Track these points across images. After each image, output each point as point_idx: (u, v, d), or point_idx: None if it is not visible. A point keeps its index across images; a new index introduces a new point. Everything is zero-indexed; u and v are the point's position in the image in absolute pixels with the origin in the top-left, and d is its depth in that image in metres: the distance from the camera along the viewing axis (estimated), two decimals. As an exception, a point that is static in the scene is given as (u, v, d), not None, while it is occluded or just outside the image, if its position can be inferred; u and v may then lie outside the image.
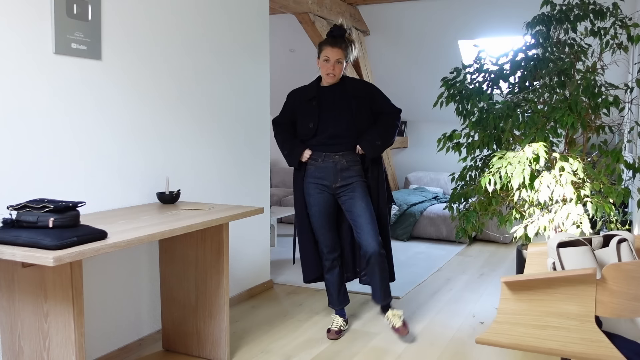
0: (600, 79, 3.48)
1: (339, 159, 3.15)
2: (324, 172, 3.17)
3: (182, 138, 3.29)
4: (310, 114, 3.16)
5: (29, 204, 1.99)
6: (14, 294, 2.18)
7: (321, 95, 3.18)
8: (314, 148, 3.18)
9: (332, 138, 3.13)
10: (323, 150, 3.16)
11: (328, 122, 3.14)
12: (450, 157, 7.58)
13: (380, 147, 3.15)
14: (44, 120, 2.48)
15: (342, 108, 3.14)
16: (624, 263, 1.79)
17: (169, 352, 3.02)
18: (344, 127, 3.13)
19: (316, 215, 3.20)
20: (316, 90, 3.20)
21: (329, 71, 3.10)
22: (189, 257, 2.89)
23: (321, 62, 3.12)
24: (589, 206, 3.24)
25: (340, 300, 3.33)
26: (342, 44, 3.10)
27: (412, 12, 6.08)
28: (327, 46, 3.09)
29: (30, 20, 2.40)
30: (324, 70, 3.13)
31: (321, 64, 3.13)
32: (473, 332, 3.32)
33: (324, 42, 3.12)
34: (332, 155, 3.15)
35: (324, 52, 3.10)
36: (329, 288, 3.32)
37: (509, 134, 3.45)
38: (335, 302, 3.33)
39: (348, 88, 3.18)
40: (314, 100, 3.17)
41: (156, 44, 3.07)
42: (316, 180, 3.19)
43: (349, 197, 3.16)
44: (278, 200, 7.15)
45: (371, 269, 3.15)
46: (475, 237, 6.08)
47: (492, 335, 1.99)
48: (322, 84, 3.22)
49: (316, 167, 3.18)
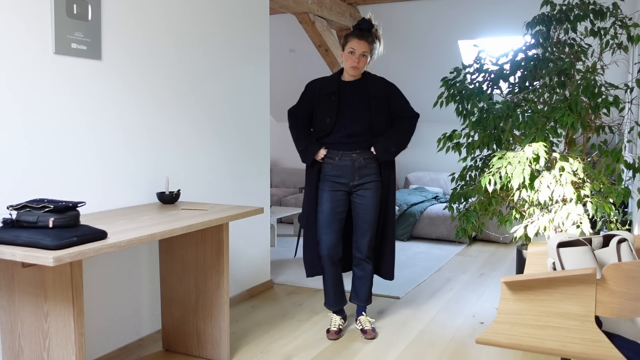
0: (600, 79, 3.48)
1: (356, 157, 3.14)
2: (341, 171, 3.15)
3: (182, 138, 3.29)
4: (328, 109, 3.12)
5: (29, 204, 1.99)
6: (14, 294, 2.18)
7: (341, 90, 3.15)
8: (331, 147, 3.15)
9: (349, 137, 3.11)
10: (340, 149, 3.14)
11: (345, 119, 3.11)
12: (450, 157, 7.58)
13: (394, 153, 3.15)
14: (44, 120, 2.48)
15: (361, 106, 3.12)
16: (624, 263, 1.79)
17: (169, 352, 3.02)
18: (361, 126, 3.11)
19: (325, 212, 3.15)
20: (337, 84, 3.16)
21: (354, 64, 3.05)
22: (189, 257, 2.89)
23: (346, 54, 3.07)
24: (589, 206, 3.24)
25: (336, 302, 3.30)
26: (369, 37, 3.07)
27: (412, 12, 6.08)
28: (354, 38, 3.05)
29: (30, 20, 2.40)
30: (348, 63, 3.08)
31: (345, 56, 3.08)
32: (473, 332, 3.32)
33: (351, 34, 3.07)
34: (349, 154, 3.13)
35: (349, 44, 3.05)
36: (327, 288, 3.29)
37: (509, 134, 3.45)
38: (332, 303, 3.31)
39: (369, 86, 3.14)
40: (334, 95, 3.13)
41: (156, 44, 3.07)
42: (333, 179, 3.16)
43: (361, 197, 3.17)
44: (278, 200, 7.15)
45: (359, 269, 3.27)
46: (475, 237, 6.08)
47: (492, 335, 1.99)
48: (343, 77, 3.18)
49: (333, 165, 3.16)
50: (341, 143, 3.13)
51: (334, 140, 3.14)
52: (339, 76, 3.20)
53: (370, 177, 3.17)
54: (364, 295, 3.32)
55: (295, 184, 7.96)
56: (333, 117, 3.11)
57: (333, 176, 3.16)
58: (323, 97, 3.15)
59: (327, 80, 3.20)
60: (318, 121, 3.17)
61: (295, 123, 3.26)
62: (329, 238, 3.16)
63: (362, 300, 3.32)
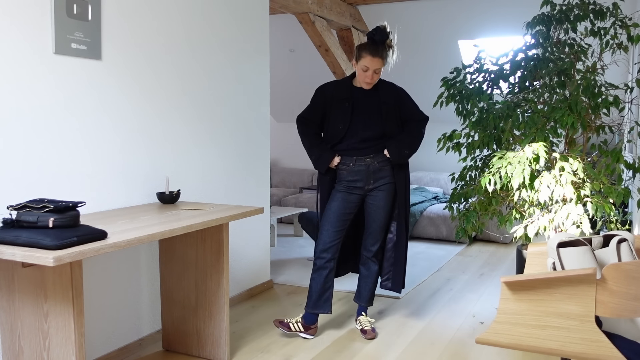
0: (600, 79, 3.48)
1: (370, 161, 3.14)
2: (357, 175, 3.15)
3: (181, 138, 3.29)
4: (341, 115, 3.11)
5: (29, 204, 1.99)
6: (14, 294, 2.18)
7: (353, 96, 3.13)
8: (344, 153, 3.15)
9: (362, 142, 3.12)
10: (354, 155, 3.14)
11: (358, 125, 3.11)
12: (450, 157, 7.58)
13: (407, 156, 3.14)
14: (44, 120, 2.48)
15: (373, 112, 3.11)
16: (624, 263, 1.79)
17: (169, 352, 3.02)
18: (373, 131, 3.11)
19: (332, 209, 3.15)
20: (350, 90, 3.14)
21: (367, 80, 3.05)
22: (189, 257, 2.89)
23: (358, 69, 3.04)
24: (589, 206, 3.24)
25: (318, 305, 3.18)
26: (383, 53, 3.01)
27: (412, 12, 6.08)
28: (368, 55, 2.98)
29: (30, 20, 2.40)
30: (361, 78, 3.06)
31: (358, 71, 3.05)
32: (473, 332, 3.32)
33: (365, 48, 3.00)
34: (363, 159, 3.13)
35: (363, 61, 3.00)
36: (312, 288, 3.18)
37: (509, 134, 3.45)
38: (312, 305, 3.18)
39: (380, 92, 3.14)
40: (347, 101, 3.11)
41: (156, 44, 3.07)
42: (349, 183, 3.16)
43: (374, 198, 3.18)
44: (278, 200, 7.15)
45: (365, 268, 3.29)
46: (475, 237, 6.08)
47: (492, 335, 1.99)
48: (355, 83, 3.17)
49: (348, 171, 3.15)
50: (354, 149, 3.13)
51: (347, 147, 3.14)
52: (351, 81, 3.18)
53: (385, 180, 3.18)
54: (366, 295, 3.32)
55: (296, 184, 7.96)
56: (346, 123, 3.10)
57: (349, 181, 3.16)
58: (336, 103, 3.13)
59: (340, 85, 3.17)
60: (330, 127, 3.16)
61: (306, 130, 3.22)
62: (329, 234, 3.14)
63: (364, 300, 3.33)
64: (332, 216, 3.15)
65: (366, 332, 3.23)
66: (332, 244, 3.16)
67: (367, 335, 3.22)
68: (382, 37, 3.01)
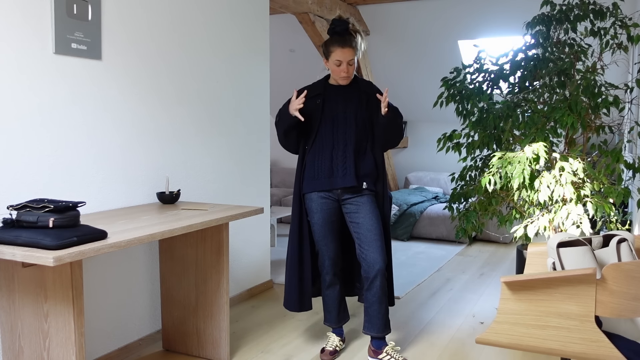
0: (600, 79, 3.48)
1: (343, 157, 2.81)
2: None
3: (182, 138, 3.29)
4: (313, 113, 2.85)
5: (29, 204, 1.99)
6: (14, 294, 2.18)
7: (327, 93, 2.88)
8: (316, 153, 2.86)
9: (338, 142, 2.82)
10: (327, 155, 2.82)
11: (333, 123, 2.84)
12: (450, 157, 7.58)
13: (397, 118, 2.82)
14: (44, 120, 2.48)
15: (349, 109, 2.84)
16: (624, 263, 1.79)
17: (169, 352, 3.02)
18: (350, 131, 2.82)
19: (319, 224, 2.85)
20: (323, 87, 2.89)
21: (343, 74, 2.79)
22: (189, 257, 2.89)
23: (331, 65, 2.79)
24: (589, 206, 3.24)
25: (339, 318, 3.02)
26: (352, 42, 2.75)
27: (412, 12, 6.08)
28: (337, 47, 2.74)
29: (30, 20, 2.40)
30: (336, 74, 2.80)
31: (332, 68, 2.80)
32: (473, 332, 3.32)
33: (331, 42, 2.76)
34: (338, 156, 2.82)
35: (334, 55, 2.75)
36: (328, 304, 2.99)
37: (509, 134, 3.45)
38: (334, 320, 3.01)
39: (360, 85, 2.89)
40: (318, 98, 2.86)
41: (156, 44, 3.07)
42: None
43: (355, 208, 2.83)
44: (278, 200, 7.15)
45: (373, 292, 2.80)
46: (475, 237, 6.08)
47: (492, 335, 1.99)
48: (331, 82, 2.91)
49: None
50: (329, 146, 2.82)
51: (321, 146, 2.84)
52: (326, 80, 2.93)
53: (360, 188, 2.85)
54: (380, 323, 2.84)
55: (295, 184, 7.94)
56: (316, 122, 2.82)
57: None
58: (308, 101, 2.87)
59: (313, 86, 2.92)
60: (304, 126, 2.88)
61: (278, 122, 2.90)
62: (330, 248, 2.89)
63: (379, 330, 2.84)
64: (322, 229, 2.86)
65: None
66: (336, 256, 2.92)
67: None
68: (343, 26, 2.78)
